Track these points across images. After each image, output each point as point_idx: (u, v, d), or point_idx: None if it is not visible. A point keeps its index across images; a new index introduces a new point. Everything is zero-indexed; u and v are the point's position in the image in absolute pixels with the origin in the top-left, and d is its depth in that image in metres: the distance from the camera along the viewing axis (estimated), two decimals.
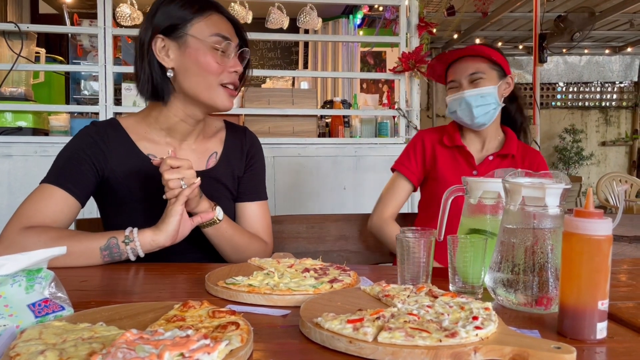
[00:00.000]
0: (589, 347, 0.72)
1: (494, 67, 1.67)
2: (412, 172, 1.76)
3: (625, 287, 1.05)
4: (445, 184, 1.64)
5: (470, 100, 1.64)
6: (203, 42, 1.25)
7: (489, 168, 1.68)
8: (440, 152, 1.75)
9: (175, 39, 1.26)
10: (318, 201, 3.04)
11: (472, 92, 1.64)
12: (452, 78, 1.70)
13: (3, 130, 2.75)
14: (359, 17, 6.15)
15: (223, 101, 1.29)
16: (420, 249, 0.98)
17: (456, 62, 1.71)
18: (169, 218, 1.18)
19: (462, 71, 1.67)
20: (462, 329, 0.68)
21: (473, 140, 1.76)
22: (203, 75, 1.26)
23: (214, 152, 1.42)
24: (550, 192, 0.87)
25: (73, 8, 5.25)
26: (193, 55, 1.25)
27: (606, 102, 9.32)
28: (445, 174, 1.71)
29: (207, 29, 1.26)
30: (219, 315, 0.75)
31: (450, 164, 1.73)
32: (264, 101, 3.20)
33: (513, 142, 1.73)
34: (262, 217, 1.45)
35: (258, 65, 6.98)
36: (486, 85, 1.64)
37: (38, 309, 0.74)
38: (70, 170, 1.26)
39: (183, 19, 1.26)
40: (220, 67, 1.27)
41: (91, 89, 3.73)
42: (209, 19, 1.27)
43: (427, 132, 1.82)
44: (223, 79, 1.28)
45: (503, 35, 8.14)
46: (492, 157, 1.71)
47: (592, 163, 9.14)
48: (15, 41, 2.79)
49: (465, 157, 1.73)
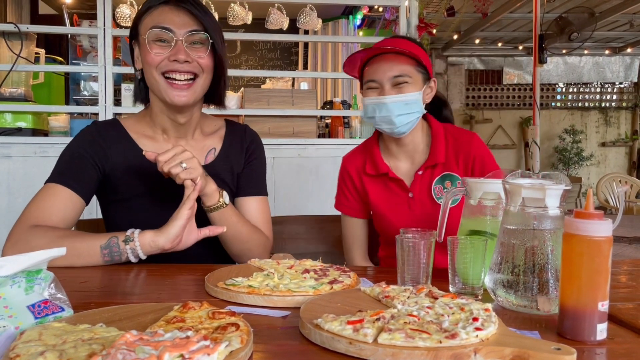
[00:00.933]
0: (589, 348, 0.72)
1: (420, 69, 1.44)
2: (353, 208, 1.60)
3: (625, 288, 1.05)
4: (384, 217, 1.54)
5: (393, 107, 1.40)
6: (144, 38, 1.28)
7: (423, 184, 1.50)
8: (368, 183, 1.55)
9: (137, 40, 1.33)
10: (318, 202, 3.04)
11: (396, 99, 1.40)
12: (372, 77, 1.44)
13: (3, 131, 2.75)
14: (359, 18, 6.15)
15: (169, 95, 1.28)
16: (420, 250, 0.98)
17: (377, 58, 1.44)
18: (173, 221, 1.18)
19: (384, 71, 1.41)
20: (462, 330, 0.68)
21: (398, 155, 1.54)
22: (148, 69, 1.29)
23: (213, 148, 1.43)
24: (550, 193, 0.87)
25: (73, 9, 5.26)
26: (143, 52, 1.30)
27: (606, 102, 9.33)
28: (380, 207, 1.54)
29: (148, 24, 1.28)
30: (219, 316, 0.75)
31: (383, 195, 1.54)
32: (263, 102, 3.20)
33: (439, 145, 1.50)
34: (262, 212, 1.46)
35: (258, 66, 6.98)
36: (411, 90, 1.41)
37: (38, 310, 0.74)
38: (73, 168, 1.29)
39: (137, 20, 1.32)
40: (159, 57, 1.26)
41: (91, 90, 3.73)
42: (152, 13, 1.29)
43: (350, 159, 1.62)
44: (162, 68, 1.27)
45: (503, 35, 8.14)
46: (420, 170, 1.50)
47: (592, 164, 9.15)
48: (15, 42, 2.79)
49: (396, 183, 1.52)
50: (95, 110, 2.91)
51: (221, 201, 1.28)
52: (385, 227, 1.56)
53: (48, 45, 5.36)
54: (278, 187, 2.99)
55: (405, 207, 1.52)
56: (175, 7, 1.29)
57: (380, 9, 5.31)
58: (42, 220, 1.20)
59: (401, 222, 1.44)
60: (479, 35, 7.97)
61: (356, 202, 1.60)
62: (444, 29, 7.05)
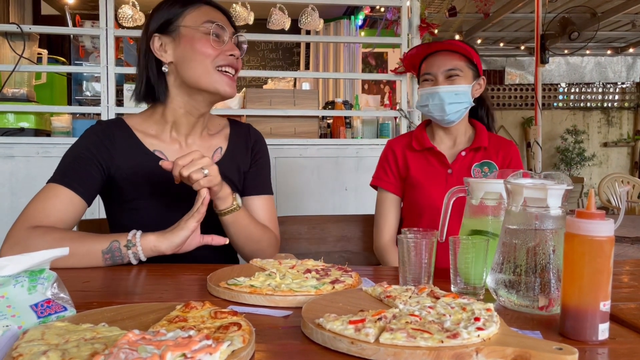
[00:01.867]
0: (590, 348, 0.72)
1: (471, 66, 1.65)
2: (390, 183, 1.74)
3: (627, 288, 1.05)
4: (422, 188, 1.67)
5: (445, 96, 1.61)
6: (196, 30, 1.29)
7: (464, 164, 1.67)
8: (411, 158, 1.72)
9: (169, 33, 1.32)
10: (319, 202, 3.04)
11: (448, 89, 1.61)
12: (427, 71, 1.66)
13: (5, 131, 2.76)
14: (361, 18, 6.16)
15: (223, 87, 1.31)
16: (422, 250, 0.98)
17: (433, 55, 1.67)
18: (179, 231, 1.17)
19: (439, 65, 1.63)
20: (464, 330, 0.68)
21: (443, 138, 1.73)
22: (199, 60, 1.29)
23: (219, 147, 1.43)
24: (551, 193, 0.87)
25: (75, 9, 5.27)
26: (188, 44, 1.29)
27: (608, 102, 9.32)
28: (419, 179, 1.69)
29: (198, 18, 1.31)
30: (221, 316, 0.75)
31: (423, 168, 1.70)
32: (265, 102, 3.21)
33: (483, 135, 1.70)
34: (268, 211, 1.46)
35: (259, 67, 6.98)
36: (462, 83, 1.62)
37: (40, 309, 0.74)
38: (76, 169, 1.27)
39: (175, 13, 1.32)
40: (216, 51, 1.29)
41: (93, 90, 3.73)
42: (199, 9, 1.33)
43: (396, 140, 1.80)
44: (219, 62, 1.30)
45: (505, 36, 8.14)
46: (464, 152, 1.68)
47: (594, 164, 9.13)
48: (17, 42, 2.80)
49: (438, 158, 1.69)
50: (97, 110, 2.92)
51: (235, 204, 1.28)
52: (420, 198, 1.68)
53: (50, 46, 5.38)
54: (280, 187, 2.99)
55: (442, 181, 1.67)
56: (216, 9, 1.35)
57: (382, 9, 5.31)
58: (42, 221, 1.18)
59: (437, 194, 1.61)
60: (481, 36, 7.97)
61: (395, 178, 1.74)
62: (446, 29, 7.05)
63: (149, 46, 1.32)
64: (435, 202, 1.60)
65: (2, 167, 2.73)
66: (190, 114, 1.36)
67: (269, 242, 1.39)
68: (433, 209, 1.61)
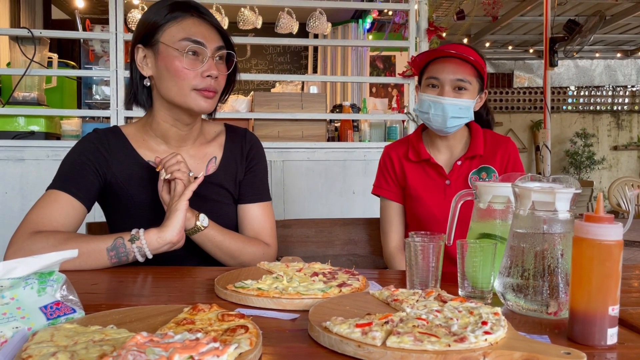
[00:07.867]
0: (599, 353, 0.71)
1: (479, 79, 1.56)
2: (392, 191, 1.68)
3: (636, 292, 1.04)
4: (421, 200, 1.62)
5: (449, 108, 1.51)
6: (172, 48, 1.25)
7: (461, 173, 1.61)
8: (408, 168, 1.66)
9: (150, 47, 1.29)
10: (327, 205, 3.04)
11: (453, 101, 1.51)
12: (434, 75, 1.54)
13: (16, 135, 2.78)
14: (369, 22, 6.16)
15: (198, 104, 1.27)
16: (429, 253, 0.98)
17: (443, 59, 1.55)
18: (173, 214, 1.19)
19: (448, 72, 1.52)
20: (471, 333, 0.68)
21: (439, 147, 1.66)
22: (174, 80, 1.26)
23: (214, 157, 1.42)
24: (560, 196, 0.86)
25: (85, 13, 5.32)
26: (164, 62, 1.26)
27: (618, 106, 9.25)
28: (418, 191, 1.63)
29: (177, 34, 1.25)
30: (228, 318, 0.75)
31: (422, 180, 1.64)
32: (273, 105, 3.22)
33: (479, 139, 1.62)
34: (264, 219, 1.44)
35: (267, 70, 7.01)
36: (468, 97, 1.53)
37: (50, 311, 0.75)
38: (74, 175, 1.28)
39: (156, 26, 1.28)
40: (191, 72, 1.25)
41: (103, 94, 3.76)
42: (180, 23, 1.26)
43: (392, 147, 1.73)
44: (196, 84, 1.26)
45: (513, 39, 8.11)
46: (460, 161, 1.61)
47: (603, 167, 9.06)
48: (28, 46, 2.82)
49: (435, 169, 1.63)
50: (107, 114, 2.94)
51: (198, 225, 1.25)
52: (420, 210, 1.64)
53: (61, 50, 5.42)
54: (287, 190, 3.00)
55: (441, 192, 1.62)
56: (201, 20, 1.28)
57: (389, 12, 5.30)
58: (44, 227, 1.19)
59: (436, 205, 1.59)
60: (489, 39, 7.95)
61: (395, 186, 1.69)
62: (454, 32, 7.02)
63: (134, 55, 1.31)
64: (435, 213, 1.59)
65: (13, 170, 2.75)
66: (175, 127, 1.34)
67: (253, 255, 1.34)
68: (433, 220, 1.59)
